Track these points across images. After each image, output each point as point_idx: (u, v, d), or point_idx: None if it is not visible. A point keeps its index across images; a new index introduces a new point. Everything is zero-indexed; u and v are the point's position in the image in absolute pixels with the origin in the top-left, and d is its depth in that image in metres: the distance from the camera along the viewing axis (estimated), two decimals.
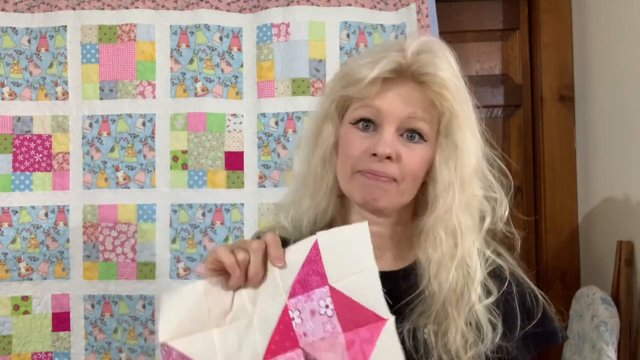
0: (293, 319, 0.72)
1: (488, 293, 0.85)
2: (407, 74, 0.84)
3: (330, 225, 0.93)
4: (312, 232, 0.77)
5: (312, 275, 0.73)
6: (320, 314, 0.72)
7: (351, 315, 0.71)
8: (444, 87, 0.83)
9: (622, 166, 1.48)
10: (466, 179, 0.86)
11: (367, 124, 0.85)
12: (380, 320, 0.71)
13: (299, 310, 0.72)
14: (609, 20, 1.55)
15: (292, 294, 0.73)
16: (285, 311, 0.72)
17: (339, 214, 0.93)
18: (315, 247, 0.73)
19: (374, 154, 0.83)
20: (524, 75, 1.81)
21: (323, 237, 0.74)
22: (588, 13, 1.66)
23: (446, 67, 0.84)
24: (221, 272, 0.74)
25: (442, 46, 0.86)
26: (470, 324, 0.83)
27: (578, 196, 1.72)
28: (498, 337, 0.83)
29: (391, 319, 0.71)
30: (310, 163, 0.92)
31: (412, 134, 0.85)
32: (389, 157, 0.82)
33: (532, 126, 1.80)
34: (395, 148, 0.83)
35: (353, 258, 0.73)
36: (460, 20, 1.80)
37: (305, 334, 0.71)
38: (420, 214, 0.90)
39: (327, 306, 0.72)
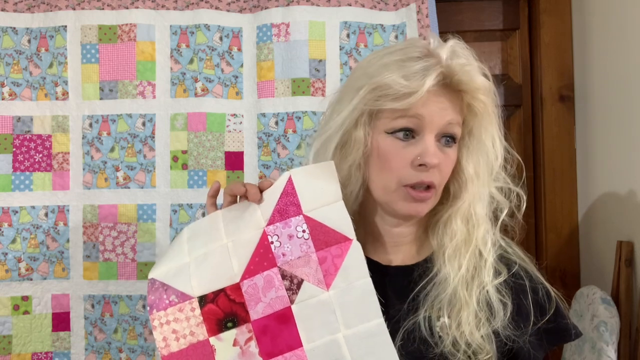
0: (272, 242, 0.84)
1: (498, 274, 0.89)
2: (447, 84, 0.85)
3: None
4: None
5: (289, 205, 0.85)
6: (298, 237, 0.84)
7: (323, 237, 0.84)
8: (481, 93, 0.87)
9: (622, 166, 1.48)
10: (489, 173, 0.90)
11: (407, 132, 0.86)
12: (348, 240, 0.84)
13: (277, 235, 0.85)
14: (609, 20, 1.55)
15: (271, 222, 0.85)
16: (264, 236, 0.85)
17: (355, 219, 0.93)
18: (290, 182, 0.86)
19: (420, 164, 0.85)
20: (524, 75, 1.81)
21: (296, 174, 0.87)
22: (588, 13, 1.66)
23: (480, 72, 0.87)
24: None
25: (465, 47, 0.88)
26: (482, 304, 0.86)
27: (578, 196, 1.72)
28: (509, 315, 0.86)
29: (355, 240, 0.84)
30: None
31: (447, 139, 0.87)
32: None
33: (532, 126, 1.80)
34: (440, 156, 0.86)
35: (323, 192, 0.86)
36: (460, 20, 1.80)
37: (284, 255, 0.84)
38: (437, 204, 0.93)
39: (304, 231, 0.84)
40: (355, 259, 0.83)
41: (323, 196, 0.86)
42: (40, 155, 1.54)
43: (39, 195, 1.53)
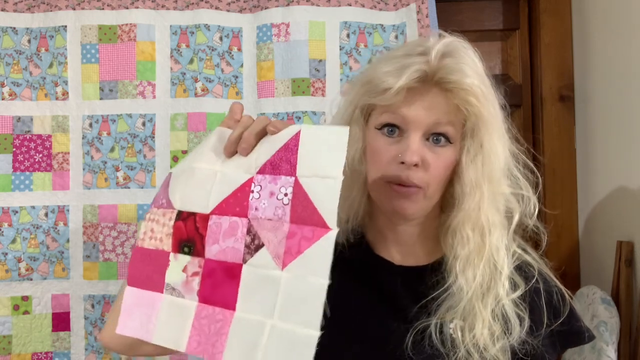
0: (252, 191, 0.77)
1: (515, 287, 0.86)
2: (432, 82, 0.83)
3: (362, 225, 0.95)
4: (345, 233, 0.90)
5: (284, 162, 0.76)
6: (278, 199, 0.75)
7: (302, 212, 0.74)
8: (470, 94, 0.83)
9: (622, 166, 1.48)
10: (493, 177, 0.86)
11: (392, 128, 0.85)
12: (326, 227, 0.72)
13: (260, 186, 0.77)
14: (609, 21, 1.55)
15: (261, 171, 0.77)
16: (248, 182, 0.78)
17: (367, 214, 0.93)
18: (296, 138, 0.76)
19: (402, 162, 0.83)
20: (524, 75, 1.81)
21: (306, 131, 0.76)
22: (588, 13, 1.66)
23: (472, 73, 0.83)
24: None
25: (465, 46, 0.86)
26: (497, 317, 0.84)
27: (578, 196, 1.72)
28: (525, 331, 0.84)
29: (334, 231, 0.72)
30: None
31: (437, 138, 0.85)
32: (416, 165, 0.83)
33: (532, 126, 1.81)
34: (422, 155, 0.83)
35: (325, 160, 0.74)
36: (460, 20, 1.80)
37: (256, 209, 0.76)
38: (446, 210, 0.91)
39: (286, 194, 0.75)
40: (322, 250, 0.72)
41: (322, 166, 0.74)
42: (40, 155, 1.54)
43: (39, 195, 1.53)
